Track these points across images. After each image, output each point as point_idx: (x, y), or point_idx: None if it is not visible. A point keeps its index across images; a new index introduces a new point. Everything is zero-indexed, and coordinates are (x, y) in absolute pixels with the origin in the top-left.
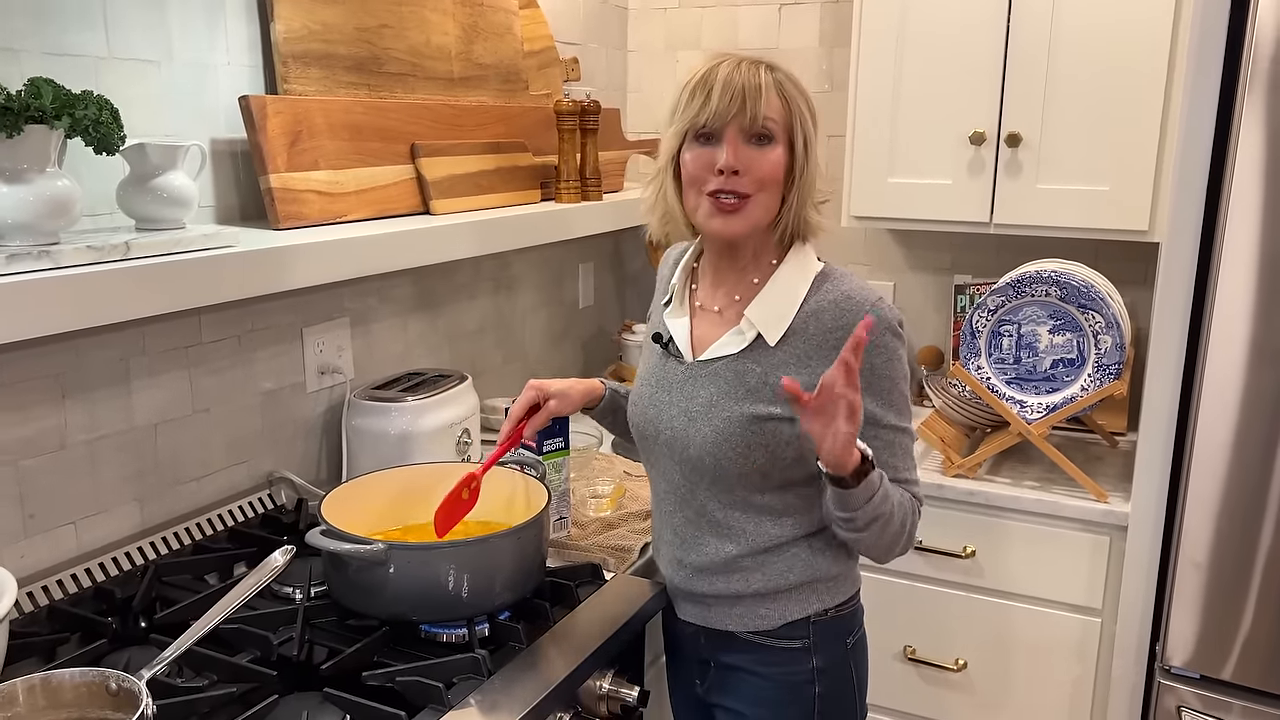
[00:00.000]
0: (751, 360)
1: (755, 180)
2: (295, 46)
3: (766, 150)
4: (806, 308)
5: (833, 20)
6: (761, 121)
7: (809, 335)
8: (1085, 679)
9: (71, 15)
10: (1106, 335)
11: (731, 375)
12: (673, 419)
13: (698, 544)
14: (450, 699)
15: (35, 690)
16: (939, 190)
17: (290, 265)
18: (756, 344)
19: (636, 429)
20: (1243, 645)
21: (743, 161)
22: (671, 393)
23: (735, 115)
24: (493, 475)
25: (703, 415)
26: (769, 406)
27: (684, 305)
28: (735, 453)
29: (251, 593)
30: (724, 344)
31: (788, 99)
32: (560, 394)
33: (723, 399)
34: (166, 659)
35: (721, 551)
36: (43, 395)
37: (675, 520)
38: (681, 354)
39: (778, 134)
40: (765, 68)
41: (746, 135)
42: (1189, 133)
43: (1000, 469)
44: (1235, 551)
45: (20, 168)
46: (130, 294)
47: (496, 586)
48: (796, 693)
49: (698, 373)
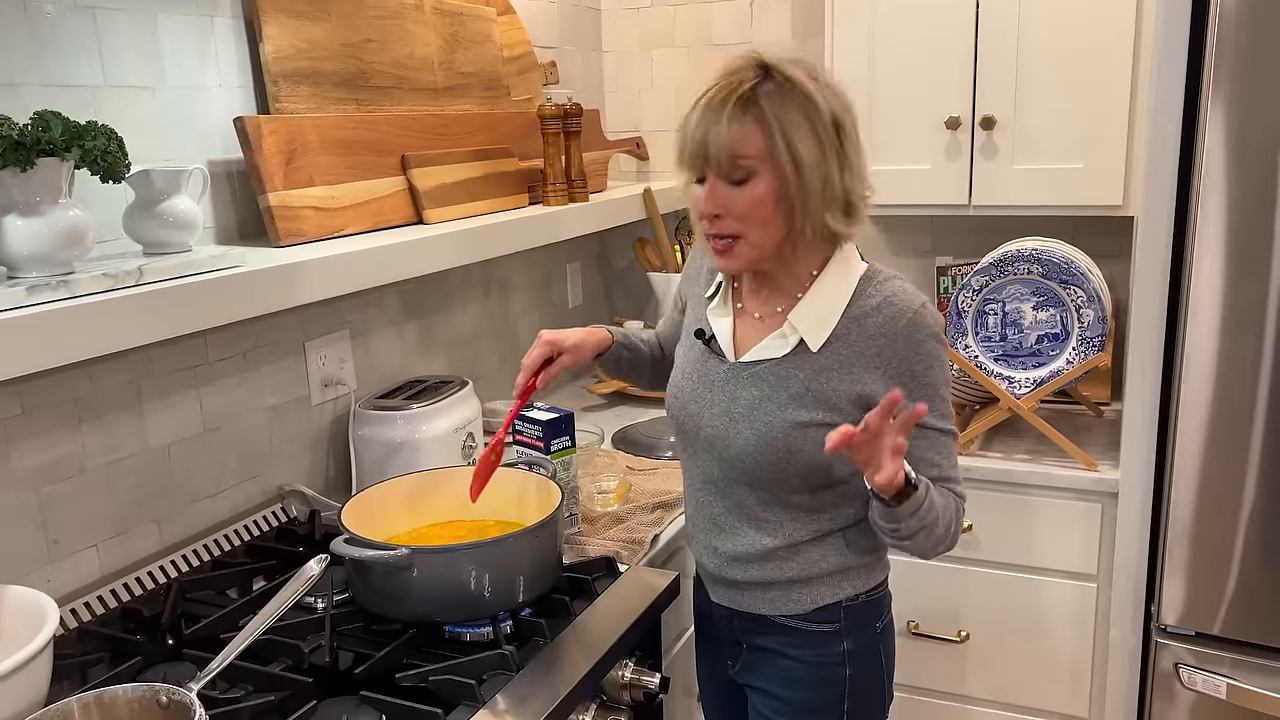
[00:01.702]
0: (794, 365)
1: (737, 220)
2: (284, 65)
3: (745, 189)
4: (850, 313)
5: (803, 13)
6: (729, 165)
7: (851, 341)
8: (1084, 643)
9: (67, 46)
10: (1088, 309)
11: (774, 379)
12: (714, 418)
13: (735, 534)
14: (482, 695)
15: (90, 708)
16: (918, 175)
17: (298, 281)
18: (799, 349)
19: (676, 421)
20: (1231, 600)
21: (722, 204)
22: (714, 391)
23: (704, 165)
24: (505, 476)
25: (744, 418)
26: (811, 413)
27: (727, 304)
28: (776, 456)
29: (291, 601)
30: (766, 347)
31: (768, 123)
32: (574, 348)
33: (765, 403)
34: (214, 671)
35: (759, 543)
36: (60, 421)
37: (713, 510)
38: (723, 353)
39: (756, 167)
40: (742, 96)
41: (724, 178)
42: (1159, 109)
43: (991, 444)
44: (1220, 511)
45: (33, 200)
46: (147, 319)
47: (517, 584)
48: (828, 674)
49: (740, 374)
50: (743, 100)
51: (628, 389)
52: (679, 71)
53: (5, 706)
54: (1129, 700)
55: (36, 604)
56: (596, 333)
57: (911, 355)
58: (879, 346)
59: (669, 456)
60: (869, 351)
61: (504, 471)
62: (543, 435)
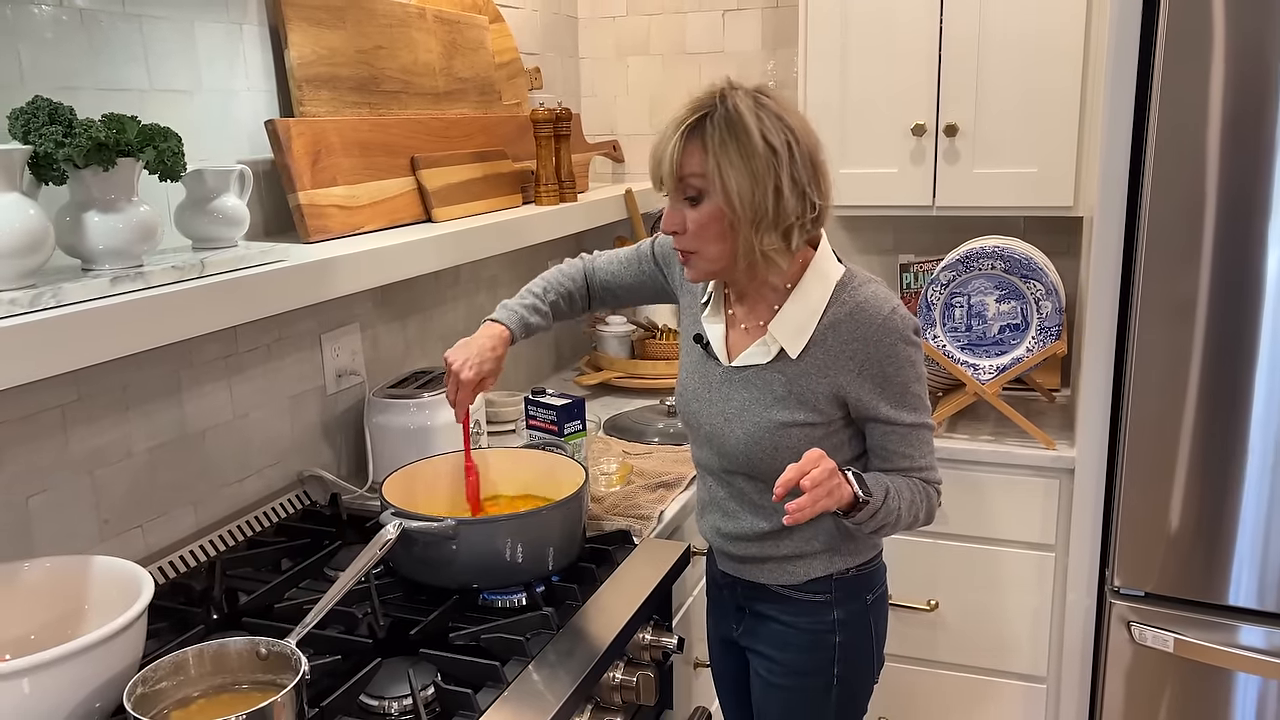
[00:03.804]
0: (777, 370)
1: (692, 237)
2: (308, 71)
3: (698, 209)
4: (825, 320)
5: (773, 24)
6: (678, 185)
7: (828, 346)
8: (1044, 607)
9: (118, 53)
10: (1047, 301)
11: (760, 383)
12: (712, 417)
13: (736, 518)
14: (530, 650)
15: (204, 656)
16: (886, 178)
17: (336, 275)
18: (781, 355)
19: (682, 416)
20: (1175, 563)
21: (677, 222)
22: (712, 391)
23: (660, 184)
24: (530, 456)
25: (737, 418)
26: (794, 413)
27: (720, 312)
28: (765, 452)
29: (370, 564)
30: (752, 354)
31: (707, 151)
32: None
33: (754, 404)
34: (308, 625)
35: (756, 526)
36: (111, 408)
37: (717, 495)
38: (718, 357)
39: (707, 188)
40: (690, 124)
41: (677, 196)
42: (1111, 118)
43: (956, 427)
44: (1164, 483)
45: (109, 198)
46: (210, 308)
47: (548, 554)
48: (819, 640)
49: (732, 377)
50: (689, 128)
51: (612, 380)
52: (654, 78)
53: (113, 662)
54: (1084, 658)
55: (129, 573)
56: (497, 339)
57: (883, 358)
58: (853, 350)
59: (658, 441)
60: (844, 355)
61: (533, 453)
62: (556, 420)
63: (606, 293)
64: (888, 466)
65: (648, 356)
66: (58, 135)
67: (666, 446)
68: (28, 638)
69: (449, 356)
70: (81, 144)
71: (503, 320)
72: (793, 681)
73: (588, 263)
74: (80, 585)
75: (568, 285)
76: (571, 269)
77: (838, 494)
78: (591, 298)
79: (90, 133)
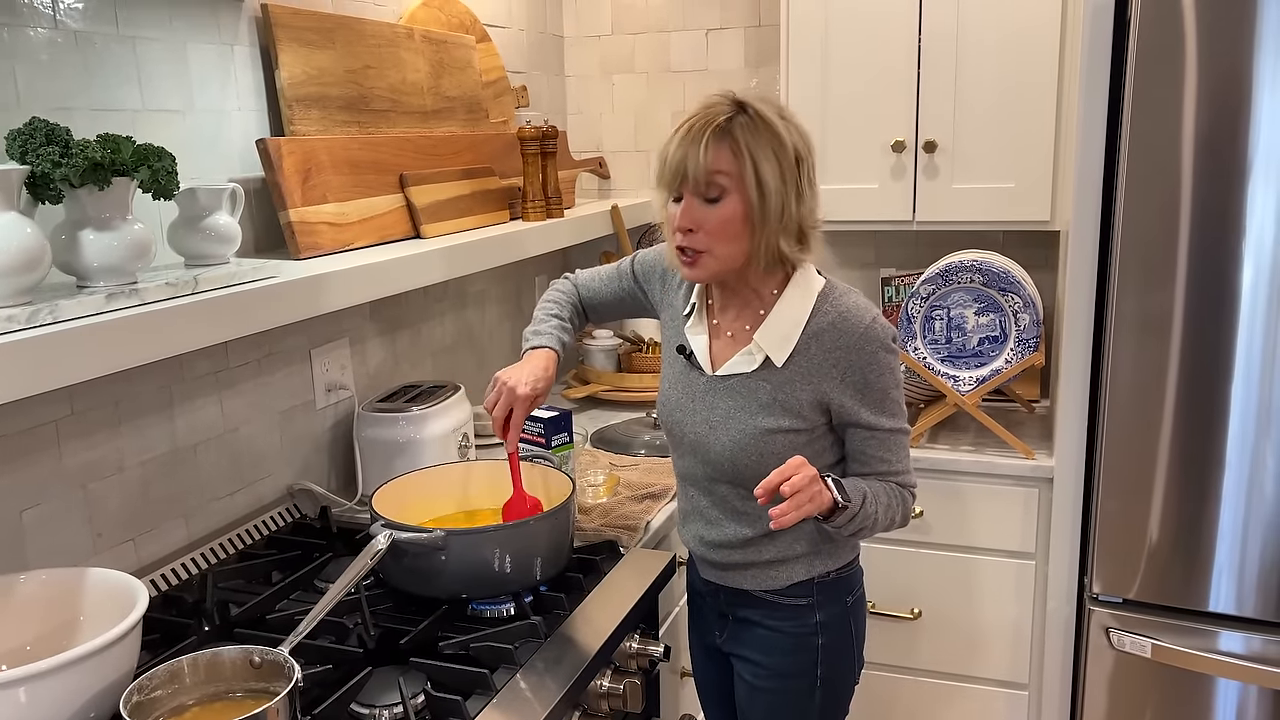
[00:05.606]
0: (762, 378)
1: (707, 236)
2: (298, 91)
3: (717, 208)
4: (809, 329)
5: (755, 44)
6: (706, 184)
7: (811, 355)
8: (1025, 614)
9: (112, 75)
10: (1024, 313)
11: (746, 391)
12: (696, 425)
13: (719, 525)
14: (519, 658)
15: (198, 664)
16: (867, 194)
17: (326, 291)
18: (766, 364)
19: (665, 427)
20: (1152, 570)
21: (695, 220)
22: (695, 401)
23: (681, 184)
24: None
25: (722, 425)
26: (779, 420)
27: (703, 322)
28: (750, 459)
29: (361, 573)
30: (737, 363)
31: (739, 151)
32: (545, 390)
33: (739, 412)
34: (301, 634)
35: (739, 534)
36: (104, 423)
37: (699, 503)
38: (703, 367)
39: (730, 187)
40: (718, 126)
41: (699, 196)
42: (1085, 135)
43: (938, 438)
44: (1140, 492)
45: (104, 216)
46: (203, 324)
47: (535, 564)
48: (802, 643)
49: (716, 386)
50: (719, 129)
51: (599, 393)
52: (638, 95)
53: (108, 672)
54: (1064, 664)
55: (123, 585)
56: (549, 359)
57: (864, 365)
58: (835, 358)
59: (644, 454)
60: (827, 363)
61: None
62: (544, 432)
63: (591, 309)
64: (866, 471)
65: (634, 370)
66: (54, 155)
67: (652, 458)
68: (24, 649)
69: (502, 376)
70: (78, 164)
71: (545, 344)
72: (777, 684)
73: (572, 281)
74: (76, 597)
75: (571, 302)
76: (565, 287)
77: (819, 499)
78: (584, 314)
79: (86, 153)
